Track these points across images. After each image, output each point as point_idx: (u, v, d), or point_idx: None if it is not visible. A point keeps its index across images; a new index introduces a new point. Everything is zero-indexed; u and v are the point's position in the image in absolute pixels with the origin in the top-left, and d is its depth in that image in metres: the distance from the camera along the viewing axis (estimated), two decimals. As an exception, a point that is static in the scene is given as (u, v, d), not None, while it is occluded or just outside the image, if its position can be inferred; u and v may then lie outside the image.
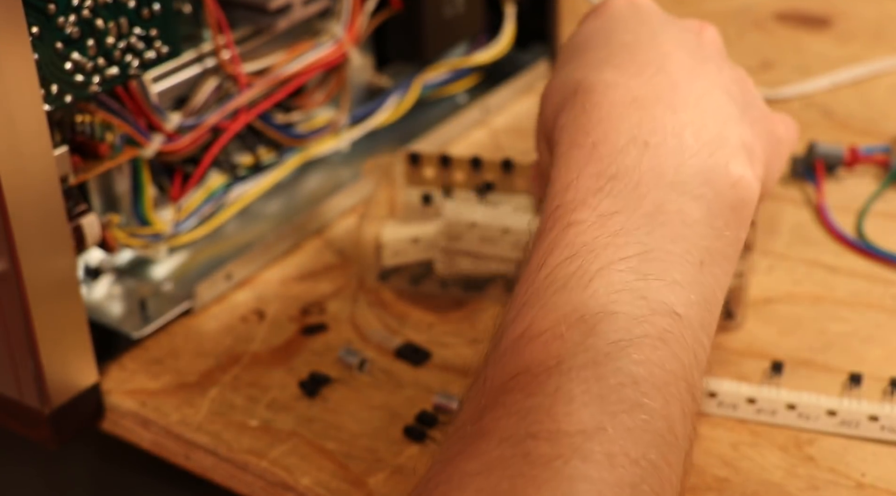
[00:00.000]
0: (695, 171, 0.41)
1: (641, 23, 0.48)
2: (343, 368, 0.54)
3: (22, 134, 0.45)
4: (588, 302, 0.37)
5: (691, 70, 0.45)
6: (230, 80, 0.59)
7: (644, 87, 0.44)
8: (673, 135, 0.42)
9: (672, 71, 0.45)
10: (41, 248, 0.47)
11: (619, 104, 0.43)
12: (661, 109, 0.43)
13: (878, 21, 0.85)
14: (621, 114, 0.43)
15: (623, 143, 0.42)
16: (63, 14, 0.49)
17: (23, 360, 0.49)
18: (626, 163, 0.41)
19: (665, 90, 0.44)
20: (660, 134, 0.42)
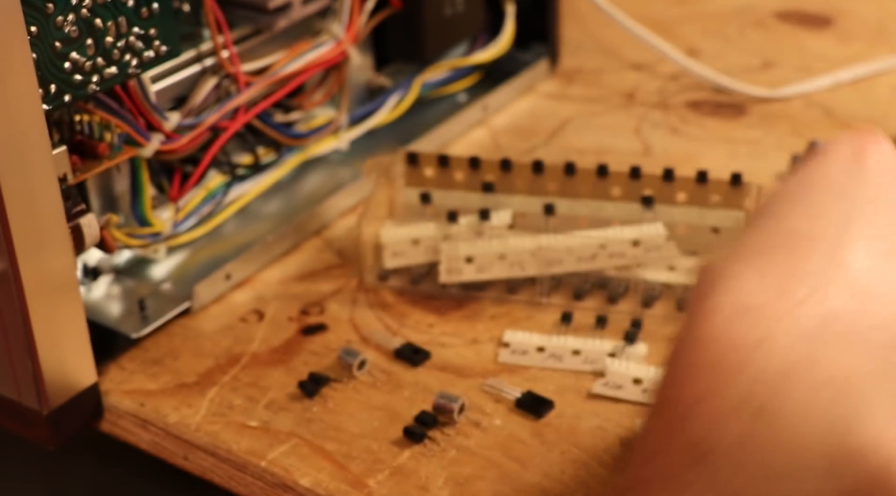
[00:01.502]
0: (822, 448, 0.31)
1: (845, 193, 0.36)
2: (342, 369, 0.54)
3: (20, 133, 0.45)
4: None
5: (854, 283, 0.34)
6: (229, 80, 0.59)
7: (779, 319, 0.33)
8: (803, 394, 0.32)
9: (828, 291, 0.33)
10: (39, 247, 0.47)
11: (742, 345, 0.32)
12: (797, 350, 0.32)
13: (880, 20, 0.84)
14: (739, 362, 0.32)
15: (729, 406, 0.32)
16: (61, 13, 0.49)
17: (21, 361, 0.49)
18: (728, 436, 0.32)
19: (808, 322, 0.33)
20: (786, 387, 0.32)
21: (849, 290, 0.33)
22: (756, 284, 0.34)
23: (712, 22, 0.85)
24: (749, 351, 0.32)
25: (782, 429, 0.31)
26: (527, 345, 0.54)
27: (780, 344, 0.32)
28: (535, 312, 0.57)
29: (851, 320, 0.33)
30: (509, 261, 0.57)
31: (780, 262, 0.34)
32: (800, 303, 0.33)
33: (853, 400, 0.31)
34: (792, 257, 0.34)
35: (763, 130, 0.72)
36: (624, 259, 0.56)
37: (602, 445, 0.49)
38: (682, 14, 0.87)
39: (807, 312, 0.33)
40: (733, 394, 0.32)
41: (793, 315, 0.33)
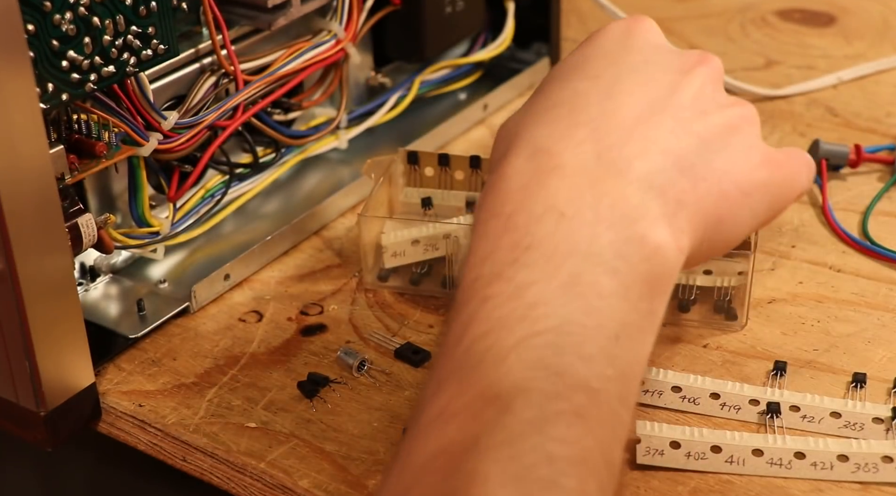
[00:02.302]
0: (609, 243, 0.41)
1: (617, 59, 0.47)
2: (342, 369, 0.54)
3: (17, 132, 0.45)
4: (503, 379, 0.37)
5: (634, 127, 0.44)
6: (228, 78, 0.59)
7: (569, 152, 0.43)
8: (589, 206, 0.41)
9: (608, 132, 0.44)
10: (37, 247, 0.47)
11: (539, 172, 0.42)
12: (581, 179, 0.42)
13: (884, 18, 0.84)
14: (540, 182, 0.42)
15: (539, 212, 0.41)
16: (59, 11, 0.48)
17: (18, 361, 0.49)
18: (540, 233, 0.41)
19: (590, 159, 0.43)
20: (576, 204, 0.41)
21: (617, 131, 0.44)
22: (547, 132, 0.44)
23: (714, 20, 0.85)
24: (545, 178, 0.42)
25: (580, 227, 0.41)
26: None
27: (568, 171, 0.42)
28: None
29: (619, 154, 0.43)
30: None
31: (564, 115, 0.44)
32: (580, 143, 0.43)
33: (631, 208, 0.42)
34: (574, 110, 0.44)
35: (766, 129, 0.71)
36: None
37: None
38: (683, 12, 0.86)
39: (585, 149, 0.43)
40: (539, 204, 0.41)
41: (575, 151, 0.43)
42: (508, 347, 0.38)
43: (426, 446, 0.37)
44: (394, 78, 0.70)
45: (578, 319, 0.39)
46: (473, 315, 0.39)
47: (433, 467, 0.36)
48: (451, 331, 0.40)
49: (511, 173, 0.43)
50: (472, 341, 0.39)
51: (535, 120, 0.45)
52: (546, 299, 0.39)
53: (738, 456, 0.47)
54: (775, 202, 0.48)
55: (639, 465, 0.48)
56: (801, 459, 0.47)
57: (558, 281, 0.40)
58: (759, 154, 0.47)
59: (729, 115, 0.47)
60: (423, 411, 0.38)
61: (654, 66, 0.47)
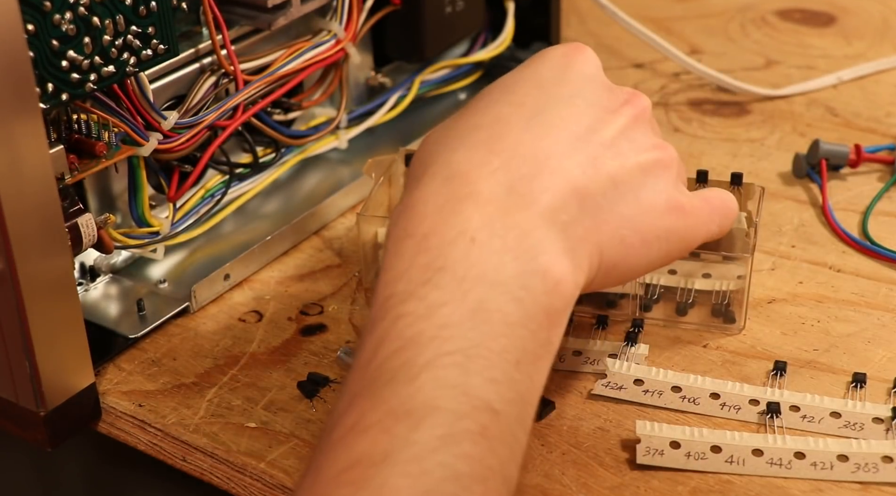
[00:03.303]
0: (515, 274, 0.42)
1: (546, 88, 0.48)
2: (342, 369, 0.54)
3: (17, 133, 0.45)
4: (415, 396, 0.39)
5: (547, 160, 0.45)
6: (228, 78, 0.59)
7: (483, 180, 0.44)
8: (499, 235, 0.43)
9: (522, 163, 0.45)
10: (37, 247, 0.47)
11: (454, 197, 0.43)
12: (493, 209, 0.43)
13: (884, 18, 0.84)
14: (454, 208, 0.43)
15: (452, 236, 0.42)
16: (59, 11, 0.48)
17: (18, 361, 0.49)
18: (453, 256, 0.42)
19: (502, 188, 0.44)
20: (486, 232, 0.42)
21: (530, 163, 0.45)
22: (465, 157, 0.45)
23: (714, 20, 0.85)
24: (459, 204, 0.43)
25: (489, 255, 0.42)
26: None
27: (481, 200, 0.43)
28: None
29: (528, 187, 0.44)
30: None
31: (483, 140, 0.45)
32: (494, 171, 0.44)
33: (536, 241, 0.43)
34: (493, 136, 0.45)
35: (765, 129, 0.72)
36: None
37: (603, 446, 0.49)
38: (683, 12, 0.86)
39: (498, 178, 0.44)
40: (452, 229, 0.42)
41: (489, 180, 0.44)
42: (420, 366, 0.39)
43: (337, 459, 0.38)
44: (394, 78, 0.70)
45: (485, 343, 0.40)
46: (386, 332, 0.40)
47: (344, 480, 0.37)
48: (364, 347, 0.41)
49: (427, 196, 0.44)
50: (384, 358, 0.40)
51: (454, 142, 0.46)
52: (455, 322, 0.40)
53: (738, 456, 0.48)
54: (674, 250, 0.49)
55: (639, 465, 0.48)
56: (801, 459, 0.47)
57: (467, 305, 0.41)
58: (668, 201, 0.48)
59: (644, 159, 0.47)
60: (335, 426, 0.39)
61: (582, 100, 0.48)
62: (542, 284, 0.42)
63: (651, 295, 0.56)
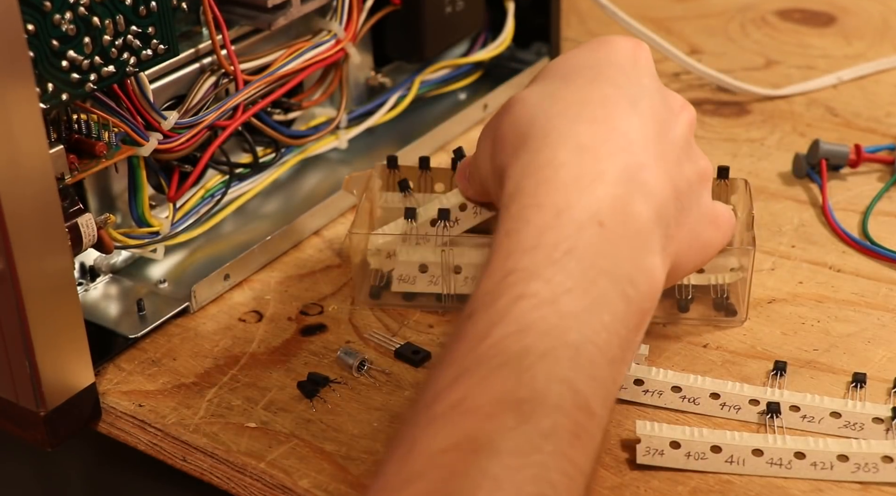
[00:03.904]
0: (630, 269, 0.41)
1: (632, 77, 0.47)
2: (342, 369, 0.54)
3: (17, 132, 0.45)
4: (527, 385, 0.37)
5: (652, 151, 0.44)
6: (228, 78, 0.59)
7: (609, 160, 0.42)
8: (623, 224, 0.41)
9: (635, 149, 0.44)
10: (37, 247, 0.47)
11: (585, 172, 0.42)
12: (620, 193, 0.42)
13: (884, 18, 0.84)
14: (587, 185, 0.41)
15: (584, 217, 0.41)
16: (59, 11, 0.48)
17: (18, 361, 0.49)
18: (583, 241, 0.40)
19: (623, 173, 0.42)
20: (614, 219, 0.41)
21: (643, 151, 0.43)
22: (587, 130, 0.43)
23: (714, 20, 0.85)
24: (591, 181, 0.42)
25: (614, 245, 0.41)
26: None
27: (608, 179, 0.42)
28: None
29: (644, 176, 0.43)
30: (463, 275, 0.56)
31: (601, 118, 0.44)
32: (616, 152, 0.43)
33: (649, 236, 0.42)
34: (609, 116, 0.44)
35: (765, 129, 0.71)
36: None
37: (603, 446, 0.49)
38: (683, 12, 0.86)
39: (620, 160, 0.43)
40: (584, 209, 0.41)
41: (613, 160, 0.42)
42: (536, 355, 0.38)
43: (436, 436, 0.37)
44: (394, 78, 0.70)
45: (594, 338, 0.39)
46: (506, 311, 0.39)
47: (443, 461, 0.36)
48: (476, 319, 0.39)
49: (557, 163, 0.42)
50: (500, 338, 0.38)
51: (570, 111, 0.44)
52: (575, 312, 0.39)
53: (738, 456, 0.47)
54: (707, 259, 0.49)
55: (639, 465, 0.48)
56: (801, 459, 0.47)
57: (589, 296, 0.39)
58: (713, 211, 0.48)
59: (703, 166, 0.48)
60: (435, 399, 0.38)
61: (659, 95, 0.47)
62: (647, 283, 0.42)
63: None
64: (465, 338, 0.39)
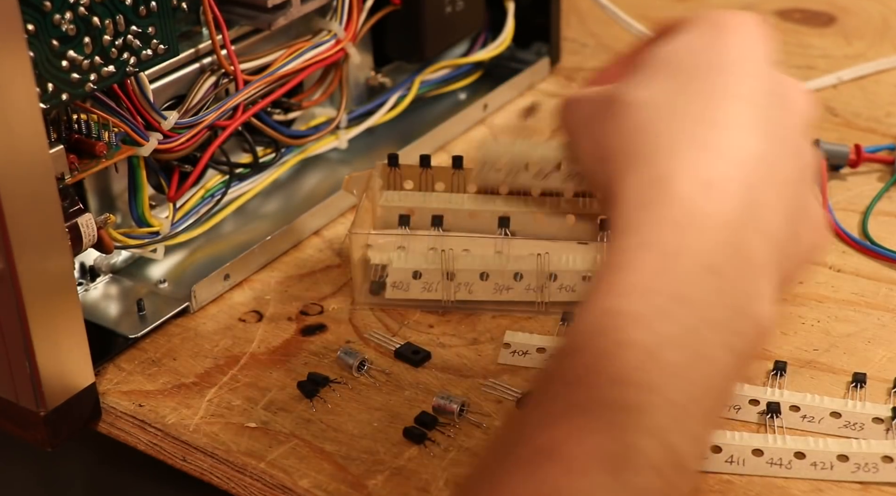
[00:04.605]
0: (739, 318, 0.38)
1: (754, 85, 0.42)
2: (342, 369, 0.54)
3: (17, 132, 0.45)
4: (621, 441, 0.35)
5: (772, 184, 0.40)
6: (228, 78, 0.59)
7: (729, 198, 0.39)
8: (733, 267, 0.38)
9: (762, 188, 0.39)
10: (37, 247, 0.47)
11: (710, 215, 0.38)
12: (729, 235, 0.38)
13: (884, 18, 0.84)
14: (709, 229, 0.38)
15: (700, 265, 0.38)
16: (59, 11, 0.48)
17: (18, 361, 0.49)
18: (695, 290, 0.37)
19: (739, 209, 0.39)
20: (733, 262, 0.38)
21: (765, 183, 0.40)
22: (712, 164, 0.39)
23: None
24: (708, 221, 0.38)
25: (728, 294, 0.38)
26: (528, 346, 0.54)
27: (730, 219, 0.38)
28: (536, 313, 0.57)
29: (761, 211, 0.39)
30: (457, 282, 0.56)
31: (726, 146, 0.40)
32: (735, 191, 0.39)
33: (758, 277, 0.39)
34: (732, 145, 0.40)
35: (765, 129, 0.71)
36: (573, 294, 0.56)
37: None
38: (683, 12, 0.86)
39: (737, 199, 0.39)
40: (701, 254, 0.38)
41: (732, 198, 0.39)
42: (633, 408, 0.36)
43: (522, 484, 0.35)
44: (394, 78, 0.70)
45: (694, 394, 0.37)
46: (606, 356, 0.36)
47: None
48: (574, 358, 0.37)
49: (680, 201, 0.38)
50: (596, 385, 0.36)
51: (692, 134, 0.40)
52: (679, 366, 0.37)
53: (738, 456, 0.47)
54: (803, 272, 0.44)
55: (639, 465, 0.48)
56: (801, 459, 0.47)
57: (694, 349, 0.37)
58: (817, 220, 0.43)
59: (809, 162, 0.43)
60: (522, 440, 0.36)
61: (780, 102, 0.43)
62: (754, 332, 0.38)
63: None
64: (560, 378, 0.37)
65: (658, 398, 0.36)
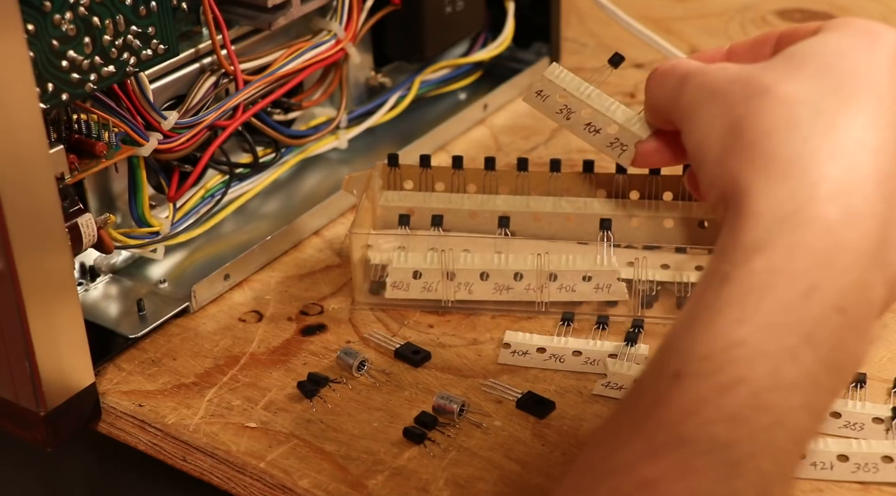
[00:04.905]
0: (852, 360, 0.37)
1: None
2: (342, 369, 0.54)
3: (17, 132, 0.45)
4: (726, 486, 0.34)
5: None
6: (228, 78, 0.59)
7: (870, 236, 0.36)
8: (862, 312, 0.36)
9: (892, 227, 0.37)
10: (37, 247, 0.47)
11: (850, 251, 0.36)
12: (870, 274, 0.36)
13: (884, 18, 0.84)
14: (846, 266, 0.36)
15: (831, 303, 0.36)
16: (59, 11, 0.48)
17: (18, 361, 0.49)
18: (823, 330, 0.35)
19: (878, 251, 0.36)
20: (859, 304, 0.36)
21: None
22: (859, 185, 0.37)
23: (714, 20, 0.85)
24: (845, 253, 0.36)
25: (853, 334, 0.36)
26: (527, 346, 0.54)
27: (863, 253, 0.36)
28: (536, 313, 0.57)
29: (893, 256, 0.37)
30: (457, 282, 0.56)
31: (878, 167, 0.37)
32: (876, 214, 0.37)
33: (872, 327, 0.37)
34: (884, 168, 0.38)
35: (765, 129, 0.71)
36: (573, 294, 0.56)
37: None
38: (683, 12, 0.86)
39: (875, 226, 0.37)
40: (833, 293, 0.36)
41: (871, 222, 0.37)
42: (745, 453, 0.34)
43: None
44: (394, 78, 0.70)
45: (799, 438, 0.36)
46: (722, 392, 0.34)
47: None
48: (686, 388, 0.35)
49: (825, 228, 0.36)
50: (709, 422, 0.34)
51: (845, 151, 0.37)
52: (793, 409, 0.35)
53: (738, 456, 0.47)
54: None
55: (639, 465, 0.48)
56: (801, 459, 0.47)
57: (810, 394, 0.35)
58: None
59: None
60: (623, 469, 0.34)
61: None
62: (854, 369, 0.37)
63: (650, 292, 0.56)
64: (667, 405, 0.35)
65: (768, 446, 0.35)
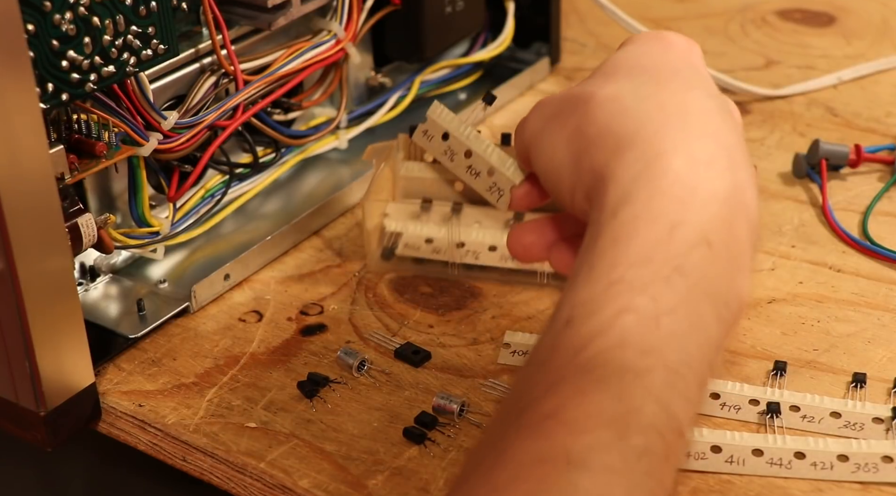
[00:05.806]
0: (725, 290, 0.40)
1: (710, 85, 0.45)
2: (342, 369, 0.54)
3: (17, 132, 0.45)
4: (624, 403, 0.36)
5: (746, 168, 0.43)
6: (228, 78, 0.59)
7: (719, 178, 0.41)
8: (725, 245, 0.40)
9: (738, 167, 0.42)
10: (37, 247, 0.47)
11: (702, 191, 0.40)
12: (725, 213, 0.40)
13: (884, 18, 0.84)
14: (702, 203, 0.40)
15: (696, 237, 0.39)
16: (59, 11, 0.48)
17: (18, 361, 0.49)
18: (692, 261, 0.39)
19: (728, 191, 0.41)
20: (719, 239, 0.40)
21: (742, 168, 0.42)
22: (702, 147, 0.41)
23: (714, 20, 0.85)
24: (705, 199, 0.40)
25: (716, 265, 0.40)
26: (527, 346, 0.54)
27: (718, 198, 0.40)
28: (536, 313, 0.57)
29: (743, 194, 0.41)
30: (466, 250, 0.58)
31: (710, 132, 0.42)
32: (724, 170, 0.41)
33: (743, 255, 0.41)
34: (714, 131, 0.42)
35: (765, 129, 0.71)
36: None
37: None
38: (683, 12, 0.86)
39: (726, 179, 0.41)
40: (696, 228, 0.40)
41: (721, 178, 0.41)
42: (635, 373, 0.37)
43: (527, 448, 0.36)
44: (394, 78, 0.70)
45: (689, 361, 0.38)
46: (609, 324, 0.38)
47: (532, 475, 0.35)
48: (576, 326, 0.38)
49: (674, 176, 0.40)
50: (600, 351, 0.37)
51: (675, 121, 0.42)
52: (677, 333, 0.38)
53: (738, 456, 0.48)
54: None
55: (639, 465, 0.48)
56: (801, 459, 0.47)
57: (690, 318, 0.39)
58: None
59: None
60: (528, 408, 0.37)
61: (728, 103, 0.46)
62: (737, 304, 0.41)
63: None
64: (562, 345, 0.38)
65: (657, 363, 0.37)
